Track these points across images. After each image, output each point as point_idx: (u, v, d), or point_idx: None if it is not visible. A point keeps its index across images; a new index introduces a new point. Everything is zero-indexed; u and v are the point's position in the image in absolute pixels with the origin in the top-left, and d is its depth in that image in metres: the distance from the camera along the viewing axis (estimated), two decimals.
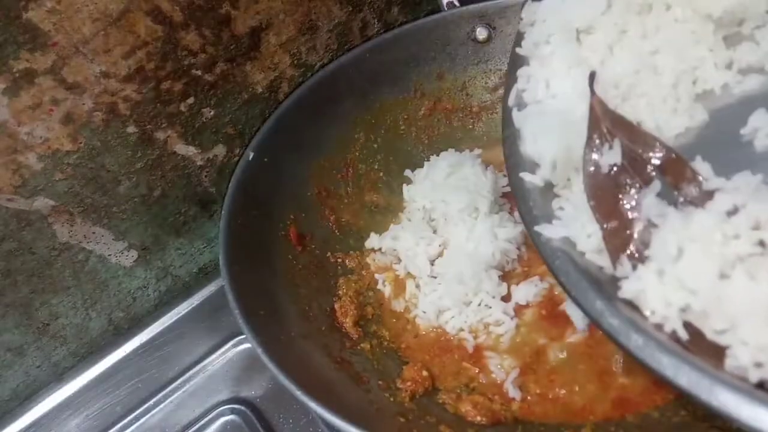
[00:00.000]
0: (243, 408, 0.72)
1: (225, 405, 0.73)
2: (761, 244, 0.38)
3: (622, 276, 0.43)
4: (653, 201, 0.43)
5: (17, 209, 0.62)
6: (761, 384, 0.36)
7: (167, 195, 0.73)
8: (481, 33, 0.83)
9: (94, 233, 0.68)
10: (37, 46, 0.56)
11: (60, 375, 0.73)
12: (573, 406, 0.61)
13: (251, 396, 0.73)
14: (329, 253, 0.77)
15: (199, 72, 0.68)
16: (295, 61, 0.78)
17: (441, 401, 0.64)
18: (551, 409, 0.62)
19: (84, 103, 0.61)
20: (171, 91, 0.67)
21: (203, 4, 0.65)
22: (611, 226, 0.44)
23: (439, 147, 0.86)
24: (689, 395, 0.37)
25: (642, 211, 0.44)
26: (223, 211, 0.67)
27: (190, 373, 0.76)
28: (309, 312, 0.69)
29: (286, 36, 0.74)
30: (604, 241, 0.45)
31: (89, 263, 0.70)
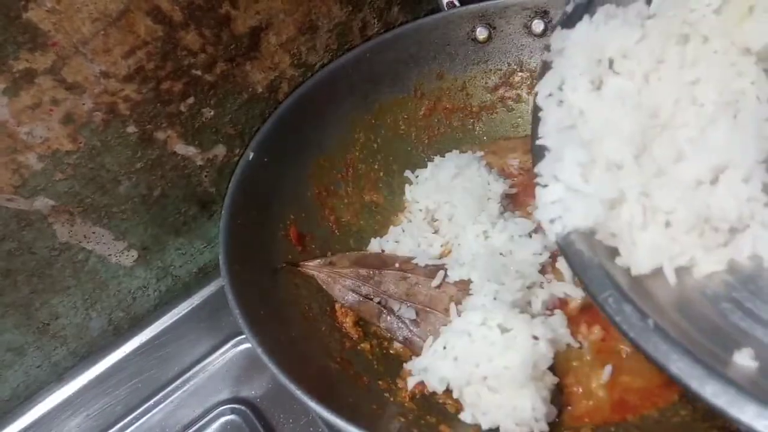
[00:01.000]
0: (243, 408, 0.72)
1: (225, 405, 0.73)
2: None
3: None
4: None
5: (17, 209, 0.62)
6: None
7: (167, 195, 0.73)
8: (481, 33, 0.83)
9: (94, 233, 0.68)
10: (37, 46, 0.56)
11: (60, 375, 0.73)
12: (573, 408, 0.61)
13: (251, 396, 0.73)
14: (329, 253, 0.76)
15: (199, 72, 0.68)
16: (295, 61, 0.78)
17: (441, 401, 0.64)
18: None
19: (84, 103, 0.61)
20: (171, 91, 0.67)
21: (203, 4, 0.65)
22: None
23: (439, 147, 0.86)
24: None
25: None
26: (223, 211, 0.67)
27: (190, 373, 0.76)
28: (309, 312, 0.69)
29: (286, 36, 0.74)
30: None
31: (89, 263, 0.70)
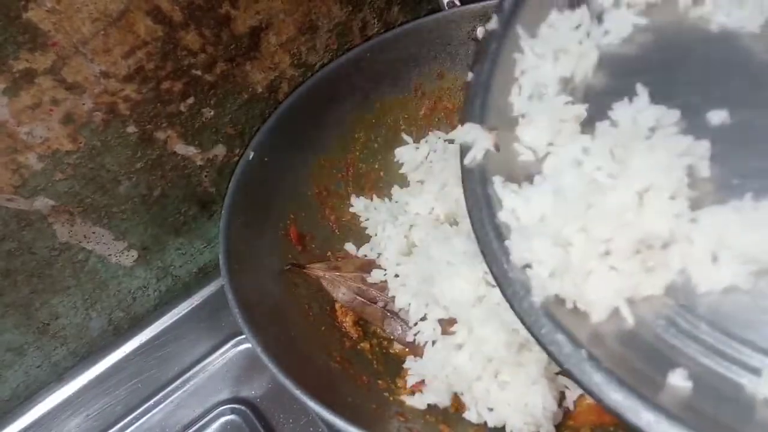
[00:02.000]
0: (243, 408, 0.72)
1: (225, 405, 0.73)
2: None
3: None
4: None
5: (17, 209, 0.62)
6: None
7: (167, 195, 0.73)
8: (482, 32, 0.83)
9: (94, 233, 0.68)
10: (37, 46, 0.55)
11: (60, 375, 0.73)
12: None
13: (251, 396, 0.73)
14: (329, 253, 0.76)
15: (199, 72, 0.68)
16: (295, 61, 0.78)
17: None
18: None
19: (84, 103, 0.61)
20: (171, 91, 0.67)
21: (203, 3, 0.65)
22: None
23: None
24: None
25: None
26: (223, 211, 0.67)
27: (190, 373, 0.76)
28: (309, 311, 0.69)
29: (286, 36, 0.74)
30: None
31: (89, 263, 0.70)
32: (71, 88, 0.59)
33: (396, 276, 0.71)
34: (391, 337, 0.69)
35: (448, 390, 0.61)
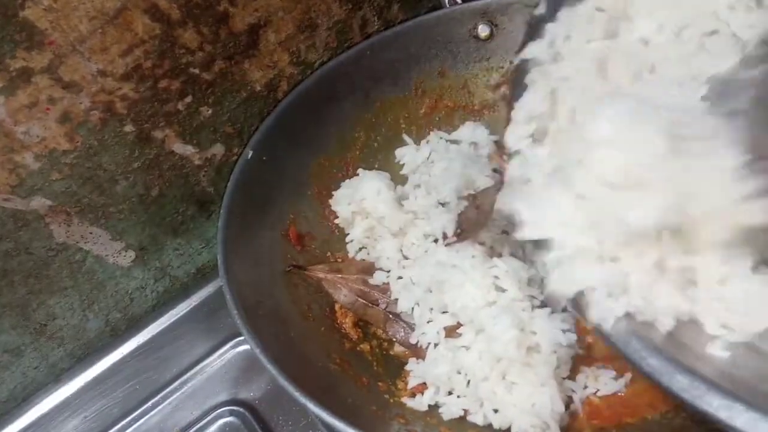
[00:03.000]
0: (241, 410, 0.71)
1: (223, 407, 0.72)
2: None
3: None
4: None
5: (14, 209, 0.61)
6: None
7: (165, 195, 0.72)
8: (483, 30, 0.83)
9: (91, 233, 0.68)
10: (34, 44, 0.55)
11: (57, 376, 0.73)
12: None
13: (250, 398, 0.73)
14: (329, 253, 0.76)
15: (197, 70, 0.68)
16: (294, 59, 0.77)
17: None
18: None
19: (81, 102, 0.61)
20: (169, 90, 0.66)
21: (201, 1, 0.64)
22: None
23: None
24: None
25: None
26: (222, 211, 0.67)
27: (188, 375, 0.76)
28: (308, 312, 0.68)
29: (285, 34, 0.74)
30: None
31: (86, 263, 0.69)
32: (68, 86, 0.59)
33: (399, 278, 0.71)
34: (393, 339, 0.69)
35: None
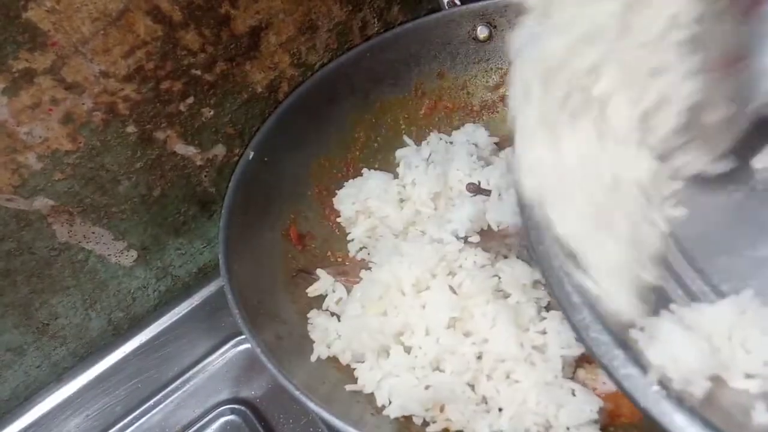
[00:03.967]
0: (243, 408, 0.72)
1: (225, 405, 0.73)
2: None
3: None
4: None
5: (17, 209, 0.62)
6: None
7: (167, 195, 0.72)
8: (482, 32, 0.83)
9: (93, 233, 0.68)
10: (37, 45, 0.55)
11: (59, 375, 0.73)
12: None
13: (251, 396, 0.73)
14: (329, 253, 0.76)
15: (199, 72, 0.68)
16: (295, 61, 0.77)
17: None
18: None
19: (83, 103, 0.61)
20: (170, 91, 0.67)
21: (203, 3, 0.65)
22: None
23: None
24: None
25: None
26: (223, 211, 0.67)
27: (189, 374, 0.76)
28: (309, 311, 0.68)
29: (285, 35, 0.74)
30: None
31: (89, 263, 0.69)
32: (71, 87, 0.59)
33: None
34: None
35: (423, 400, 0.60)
